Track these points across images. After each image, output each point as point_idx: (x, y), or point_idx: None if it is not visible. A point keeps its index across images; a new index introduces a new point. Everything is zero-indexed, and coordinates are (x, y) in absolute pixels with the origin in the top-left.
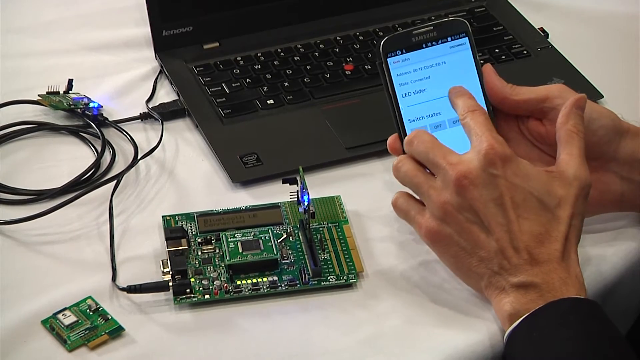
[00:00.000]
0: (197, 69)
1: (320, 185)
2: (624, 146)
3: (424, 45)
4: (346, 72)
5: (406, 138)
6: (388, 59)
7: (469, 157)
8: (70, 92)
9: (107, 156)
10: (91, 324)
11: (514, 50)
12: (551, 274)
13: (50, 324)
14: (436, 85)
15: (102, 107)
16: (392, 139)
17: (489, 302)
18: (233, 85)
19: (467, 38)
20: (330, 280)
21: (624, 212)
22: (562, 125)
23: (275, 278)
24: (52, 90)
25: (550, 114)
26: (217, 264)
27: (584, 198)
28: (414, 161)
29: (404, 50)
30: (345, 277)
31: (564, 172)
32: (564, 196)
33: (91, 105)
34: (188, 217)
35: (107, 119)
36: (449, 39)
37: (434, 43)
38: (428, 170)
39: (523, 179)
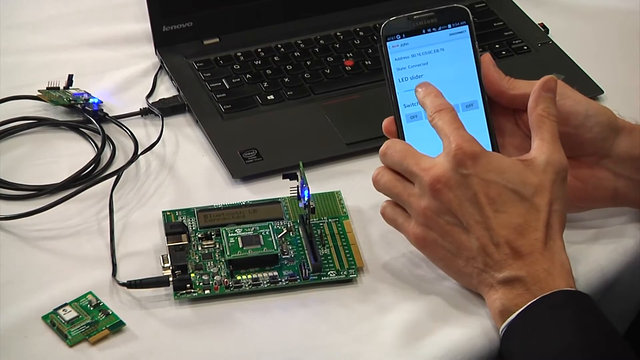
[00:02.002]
0: (197, 64)
1: (321, 180)
2: (619, 143)
3: (423, 31)
4: (346, 67)
5: (380, 149)
6: (387, 43)
7: (440, 160)
8: (70, 87)
9: (107, 152)
10: (92, 319)
11: (514, 46)
12: (534, 265)
13: (51, 320)
14: (433, 72)
15: (102, 102)
16: (387, 122)
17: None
18: (233, 80)
19: (467, 26)
20: (331, 275)
21: (618, 207)
22: (532, 110)
23: (276, 273)
24: (52, 86)
25: None
26: (218, 259)
27: (562, 181)
28: (391, 171)
29: (403, 35)
30: (345, 272)
31: (536, 158)
32: (539, 183)
33: (91, 100)
34: (188, 212)
35: (107, 114)
36: (449, 25)
37: (433, 29)
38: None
39: (496, 173)
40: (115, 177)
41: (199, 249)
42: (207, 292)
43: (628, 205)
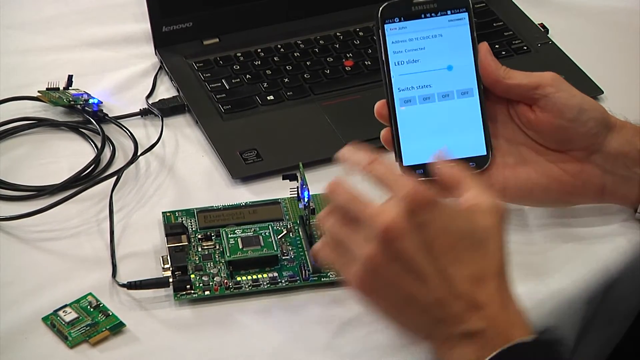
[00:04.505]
0: (197, 64)
1: (321, 181)
2: (610, 140)
3: (422, 16)
4: (346, 68)
5: (326, 188)
6: (385, 25)
7: (389, 206)
8: (70, 88)
9: (107, 152)
10: (92, 320)
11: (514, 46)
12: (493, 317)
13: (51, 321)
14: (430, 57)
15: (102, 103)
16: (379, 105)
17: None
18: (233, 81)
19: (467, 13)
20: (331, 276)
21: (605, 204)
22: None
23: (276, 274)
24: (51, 87)
25: (540, 101)
26: (217, 260)
27: (505, 225)
28: (337, 213)
29: (402, 18)
30: None
31: (480, 203)
32: (490, 227)
33: (91, 101)
34: (188, 213)
35: (107, 115)
36: (449, 12)
37: (433, 14)
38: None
39: (449, 221)
40: (115, 177)
41: (199, 249)
42: (207, 293)
43: (615, 202)
